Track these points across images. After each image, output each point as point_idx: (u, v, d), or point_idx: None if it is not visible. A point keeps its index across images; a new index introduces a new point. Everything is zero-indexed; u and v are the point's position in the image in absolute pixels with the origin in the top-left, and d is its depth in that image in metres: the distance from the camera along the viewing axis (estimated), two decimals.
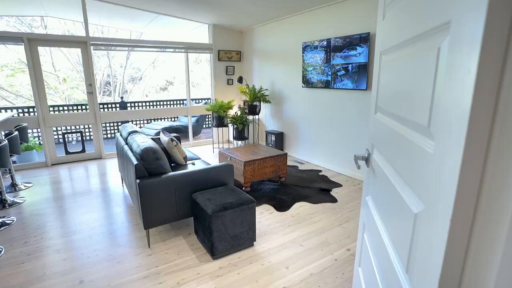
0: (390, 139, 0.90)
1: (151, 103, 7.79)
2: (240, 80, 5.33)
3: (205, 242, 2.16)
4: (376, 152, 1.10)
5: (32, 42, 4.05)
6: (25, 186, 3.53)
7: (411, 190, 0.70)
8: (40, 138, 4.35)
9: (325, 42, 3.92)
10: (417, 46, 0.68)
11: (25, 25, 8.75)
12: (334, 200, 3.14)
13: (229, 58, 5.70)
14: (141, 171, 2.17)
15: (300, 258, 2.13)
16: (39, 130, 4.74)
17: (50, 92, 9.28)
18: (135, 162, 2.21)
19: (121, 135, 3.19)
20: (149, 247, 2.27)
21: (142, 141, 2.38)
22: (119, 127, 3.32)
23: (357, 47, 3.50)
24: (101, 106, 7.02)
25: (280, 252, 2.21)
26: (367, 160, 1.20)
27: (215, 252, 2.08)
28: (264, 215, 2.81)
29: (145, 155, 2.18)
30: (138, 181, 2.11)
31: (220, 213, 2.02)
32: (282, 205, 3.00)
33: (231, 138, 5.88)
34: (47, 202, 3.10)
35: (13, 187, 3.44)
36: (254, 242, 2.31)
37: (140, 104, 7.71)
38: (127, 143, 2.78)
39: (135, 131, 2.85)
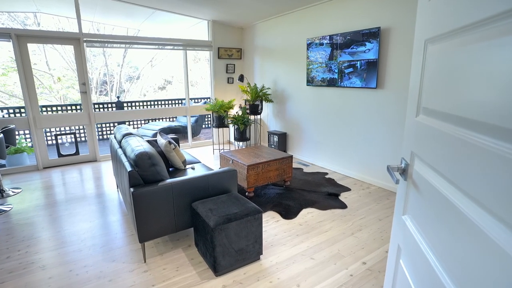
0: (450, 150, 0.70)
1: (148, 103, 7.57)
2: (241, 78, 5.12)
3: (206, 257, 1.96)
4: (420, 163, 0.89)
5: (21, 39, 3.82)
6: (13, 192, 3.31)
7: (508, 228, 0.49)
8: (31, 140, 4.13)
9: (331, 38, 3.71)
10: None
11: (18, 23, 8.50)
12: (343, 206, 2.94)
13: (229, 55, 5.49)
14: (135, 179, 1.96)
15: (311, 274, 1.93)
16: (29, 132, 4.51)
17: (45, 92, 9.04)
18: (129, 168, 1.99)
19: (115, 137, 2.97)
20: (145, 262, 2.06)
21: (137, 145, 2.16)
22: (114, 128, 3.11)
23: (366, 43, 3.29)
24: (97, 106, 6.79)
25: (290, 267, 2.00)
26: (403, 171, 0.99)
27: (218, 269, 1.87)
28: (270, 223, 2.61)
29: (139, 161, 1.97)
30: (132, 189, 1.90)
31: (224, 226, 1.82)
32: (288, 212, 2.79)
33: (232, 139, 5.68)
34: (36, 210, 2.89)
35: (0, 193, 3.22)
36: (260, 256, 2.11)
37: (137, 104, 7.49)
38: (121, 147, 2.56)
39: (130, 134, 2.64)
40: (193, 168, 2.77)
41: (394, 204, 2.98)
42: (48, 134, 5.95)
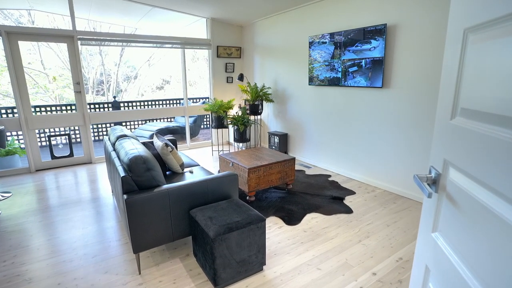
0: (503, 159, 0.57)
1: (146, 103, 7.41)
2: (240, 77, 4.99)
3: (206, 268, 1.82)
4: (457, 173, 0.76)
5: (11, 36, 3.67)
6: (2, 196, 3.16)
7: None
8: (22, 141, 3.98)
9: (335, 36, 3.58)
10: None
11: (12, 21, 8.32)
12: (349, 210, 2.81)
13: (228, 54, 5.35)
14: (129, 185, 1.82)
15: (319, 286, 1.80)
16: (20, 133, 4.34)
17: (40, 92, 8.86)
18: (122, 173, 1.86)
19: (109, 139, 2.83)
20: (140, 273, 1.92)
21: (131, 148, 2.02)
22: (108, 130, 2.97)
23: (372, 41, 3.17)
24: (92, 106, 6.64)
25: (295, 279, 1.87)
26: (433, 182, 0.86)
27: (218, 282, 1.74)
28: (273, 230, 2.47)
29: (133, 166, 1.83)
30: (125, 196, 1.76)
31: (225, 236, 1.68)
32: (292, 217, 2.66)
33: (231, 140, 5.54)
34: (26, 216, 2.74)
35: None
36: (263, 266, 1.97)
37: (134, 104, 7.33)
38: (115, 150, 2.42)
39: (124, 136, 2.50)
40: (191, 172, 2.63)
41: (402, 208, 2.86)
42: (42, 135, 5.79)
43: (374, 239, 2.32)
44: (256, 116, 5.01)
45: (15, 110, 5.44)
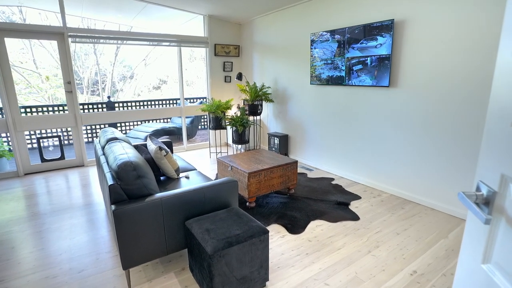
0: None
1: (141, 103, 7.21)
2: (239, 77, 4.81)
3: (203, 286, 1.65)
4: None
5: None
6: None
7: None
8: (10, 144, 3.78)
9: (338, 33, 3.42)
10: None
11: (4, 19, 8.08)
12: (355, 217, 2.65)
13: (226, 53, 5.17)
14: (117, 194, 1.64)
15: None
16: (8, 134, 4.14)
17: (33, 91, 8.63)
18: (110, 181, 1.68)
19: (99, 142, 2.64)
20: None
21: (121, 153, 1.84)
22: (99, 132, 2.79)
23: (378, 37, 3.01)
24: (86, 106, 6.43)
25: None
26: (485, 203, 0.70)
27: None
28: (275, 239, 2.30)
29: (122, 173, 1.65)
30: (113, 207, 1.59)
31: (224, 251, 1.51)
32: (295, 225, 2.49)
33: (229, 141, 5.36)
34: (9, 225, 2.55)
35: None
36: (266, 282, 1.80)
37: (129, 104, 7.12)
38: (104, 154, 2.24)
39: (115, 138, 2.32)
40: (187, 177, 2.45)
41: (411, 214, 2.70)
42: (33, 136, 5.58)
43: (384, 249, 2.16)
44: (255, 117, 4.83)
45: (2, 111, 5.23)
